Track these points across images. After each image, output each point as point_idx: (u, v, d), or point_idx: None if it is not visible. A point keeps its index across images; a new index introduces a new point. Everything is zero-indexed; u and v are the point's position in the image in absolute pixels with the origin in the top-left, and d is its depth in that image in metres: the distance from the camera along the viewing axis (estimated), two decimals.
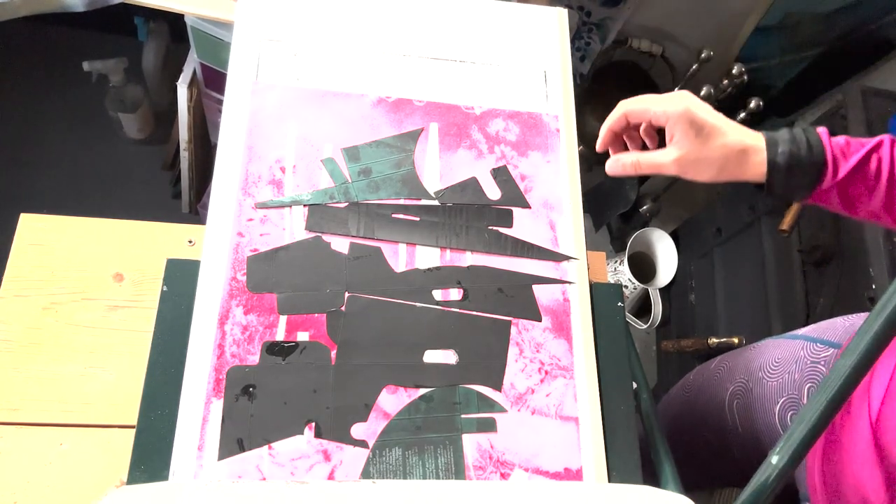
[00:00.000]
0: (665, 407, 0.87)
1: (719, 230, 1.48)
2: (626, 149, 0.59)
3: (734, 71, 1.38)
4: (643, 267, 1.66)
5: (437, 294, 0.57)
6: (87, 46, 1.51)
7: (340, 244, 0.57)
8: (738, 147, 0.50)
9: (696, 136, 0.50)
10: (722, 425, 0.73)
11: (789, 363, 0.65)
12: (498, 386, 0.54)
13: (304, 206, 0.58)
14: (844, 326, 0.64)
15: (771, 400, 0.65)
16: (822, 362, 0.61)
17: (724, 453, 0.74)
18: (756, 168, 0.50)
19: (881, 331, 0.38)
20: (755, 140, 0.50)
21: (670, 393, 0.89)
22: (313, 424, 0.51)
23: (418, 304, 0.56)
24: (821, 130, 0.50)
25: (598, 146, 0.57)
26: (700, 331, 1.48)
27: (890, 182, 0.48)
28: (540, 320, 0.58)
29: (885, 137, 0.50)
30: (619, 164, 0.57)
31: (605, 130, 0.57)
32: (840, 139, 0.50)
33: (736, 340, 1.30)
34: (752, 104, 1.35)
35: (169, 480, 0.47)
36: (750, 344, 0.77)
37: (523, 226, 0.61)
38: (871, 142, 0.49)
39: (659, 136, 0.57)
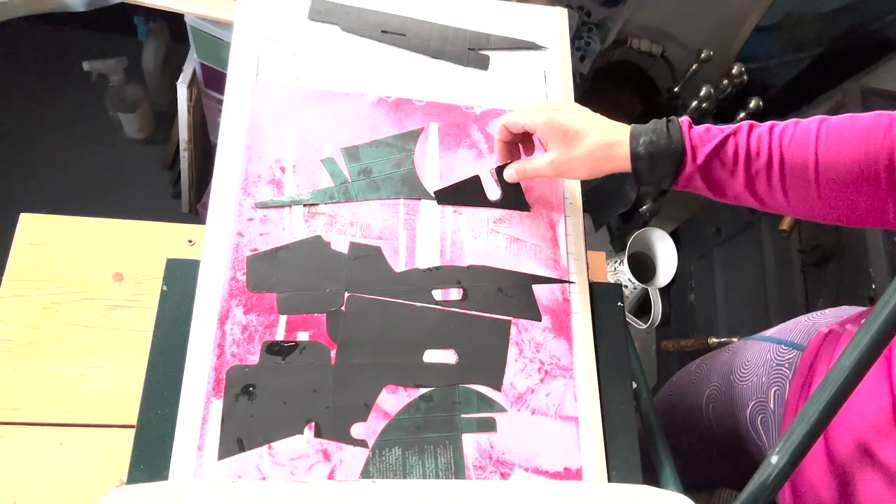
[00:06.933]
0: None
1: (719, 230, 1.48)
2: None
3: (734, 71, 1.38)
4: (643, 267, 1.65)
5: (437, 294, 0.57)
6: (87, 46, 1.51)
7: (340, 244, 0.57)
8: (602, 144, 0.53)
9: (563, 140, 0.54)
10: (701, 428, 0.74)
11: (757, 366, 0.65)
12: (498, 386, 0.54)
13: (304, 205, 0.58)
14: (807, 326, 0.64)
15: (742, 403, 0.65)
16: (786, 364, 0.61)
17: (707, 454, 0.74)
18: (623, 160, 0.53)
19: (881, 331, 0.38)
20: (620, 134, 0.54)
21: (657, 395, 0.89)
22: (313, 424, 0.51)
23: (418, 304, 0.56)
24: (682, 120, 0.53)
25: (497, 159, 0.62)
26: (700, 331, 1.48)
27: (747, 163, 0.51)
28: (540, 320, 0.58)
29: (745, 123, 0.52)
30: (510, 172, 0.61)
31: (496, 143, 0.61)
32: (701, 127, 0.53)
33: (735, 340, 1.29)
34: (752, 104, 1.35)
35: (169, 480, 0.47)
36: (725, 346, 0.77)
37: (523, 226, 0.61)
38: (730, 127, 0.52)
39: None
